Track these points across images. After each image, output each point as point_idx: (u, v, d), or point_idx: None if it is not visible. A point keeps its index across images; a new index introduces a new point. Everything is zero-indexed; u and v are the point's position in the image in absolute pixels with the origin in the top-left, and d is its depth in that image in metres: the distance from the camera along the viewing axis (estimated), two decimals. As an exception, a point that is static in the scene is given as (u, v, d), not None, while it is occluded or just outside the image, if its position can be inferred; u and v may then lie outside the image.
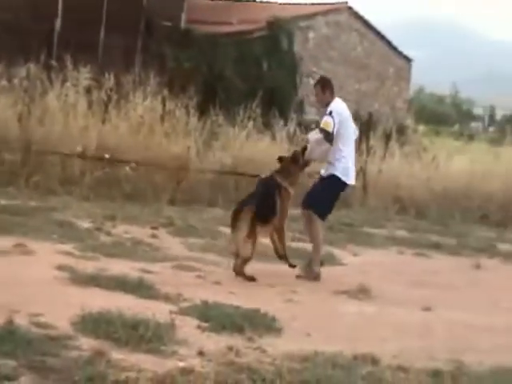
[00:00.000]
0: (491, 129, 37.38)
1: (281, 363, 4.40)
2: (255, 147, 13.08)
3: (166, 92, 12.87)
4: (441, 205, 13.71)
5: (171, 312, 5.14)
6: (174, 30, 17.78)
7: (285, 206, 7.13)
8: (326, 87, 7.45)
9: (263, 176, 7.45)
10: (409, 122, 22.88)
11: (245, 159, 12.64)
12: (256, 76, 17.85)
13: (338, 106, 7.42)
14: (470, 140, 21.55)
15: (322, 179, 7.48)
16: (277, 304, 5.96)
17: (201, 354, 4.41)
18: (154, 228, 8.82)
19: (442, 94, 56.01)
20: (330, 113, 7.28)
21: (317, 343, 4.90)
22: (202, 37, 17.79)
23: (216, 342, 4.67)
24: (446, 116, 43.83)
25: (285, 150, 13.36)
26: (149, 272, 6.41)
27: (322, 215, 7.40)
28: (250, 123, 13.57)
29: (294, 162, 7.33)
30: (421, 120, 30.54)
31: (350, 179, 7.43)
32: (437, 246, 10.30)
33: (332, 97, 7.45)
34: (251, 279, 6.78)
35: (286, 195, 7.17)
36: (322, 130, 7.27)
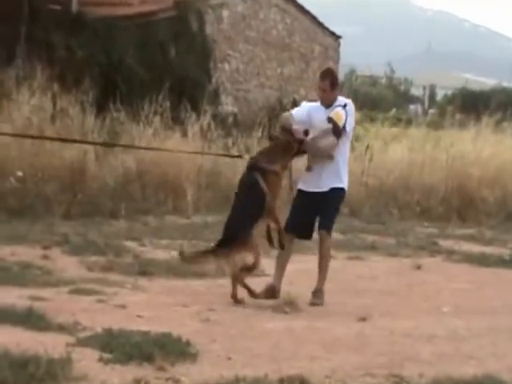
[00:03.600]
0: (431, 111, 38.26)
1: (196, 393, 4.43)
2: (164, 146, 13.05)
3: (56, 87, 12.68)
4: (377, 201, 14.00)
5: (67, 344, 5.09)
6: (64, 15, 17.49)
7: (275, 190, 7.09)
8: (336, 83, 7.27)
9: (247, 159, 7.47)
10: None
11: (152, 162, 12.61)
12: (162, 64, 17.73)
13: (351, 104, 7.27)
14: (408, 125, 22.00)
15: (330, 195, 7.28)
16: (192, 325, 5.98)
17: (103, 390, 4.40)
18: (45, 248, 8.71)
19: (376, 74, 57.08)
20: (345, 105, 7.18)
21: (238, 367, 4.95)
22: (96, 21, 17.56)
23: (121, 375, 4.65)
24: (381, 99, 44.66)
25: (198, 147, 13.44)
26: (40, 299, 6.32)
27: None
28: (157, 119, 13.54)
29: (288, 145, 7.14)
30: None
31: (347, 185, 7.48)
32: (373, 248, 10.51)
33: (336, 95, 7.29)
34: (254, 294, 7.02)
35: (276, 179, 7.10)
36: (331, 121, 7.08)
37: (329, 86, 7.22)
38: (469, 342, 6.05)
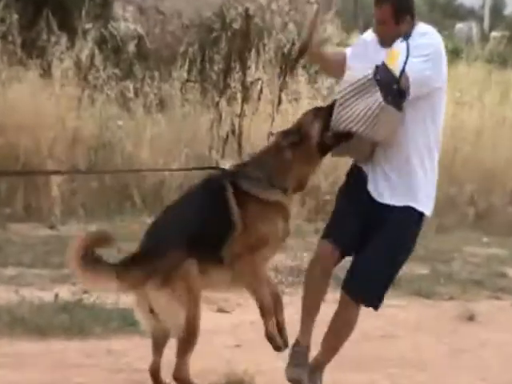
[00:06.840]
0: (495, 34, 38.69)
1: None
2: (11, 93, 13.12)
3: None
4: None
5: None
6: None
7: (262, 231, 6.91)
8: (403, 10, 7.17)
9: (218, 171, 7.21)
10: (330, 29, 23.32)
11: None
12: None
13: (435, 36, 7.18)
14: (453, 59, 22.27)
15: (385, 218, 7.15)
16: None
17: None
18: None
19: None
20: (407, 37, 7.05)
21: None
22: None
23: None
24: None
25: (70, 97, 13.42)
26: None
27: (380, 302, 7.47)
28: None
29: (298, 142, 7.03)
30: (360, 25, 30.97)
31: (431, 209, 7.37)
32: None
33: (405, 29, 7.19)
34: None
35: (270, 210, 6.94)
36: (379, 69, 6.94)
37: (390, 14, 7.16)
38: None
